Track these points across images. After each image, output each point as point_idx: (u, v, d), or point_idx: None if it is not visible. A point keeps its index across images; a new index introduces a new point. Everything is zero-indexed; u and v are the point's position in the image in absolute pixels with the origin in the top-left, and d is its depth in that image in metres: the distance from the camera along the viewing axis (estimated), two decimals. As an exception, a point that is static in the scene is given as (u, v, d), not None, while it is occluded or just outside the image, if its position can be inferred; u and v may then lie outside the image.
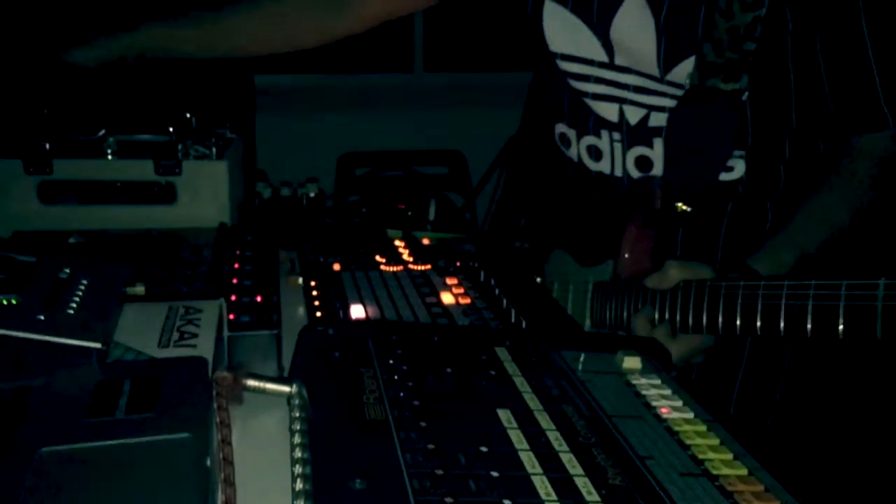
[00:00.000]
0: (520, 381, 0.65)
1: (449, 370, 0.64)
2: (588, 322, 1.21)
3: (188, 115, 1.26)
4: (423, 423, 0.55)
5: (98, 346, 0.59)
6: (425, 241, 1.23)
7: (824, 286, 0.89)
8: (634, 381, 0.68)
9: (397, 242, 1.21)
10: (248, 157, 2.75)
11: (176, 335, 0.69)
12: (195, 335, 0.69)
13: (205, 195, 1.18)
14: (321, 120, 3.33)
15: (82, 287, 0.68)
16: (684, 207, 1.14)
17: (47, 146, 1.17)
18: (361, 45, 3.71)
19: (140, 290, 0.75)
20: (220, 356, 0.76)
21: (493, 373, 0.65)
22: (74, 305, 0.64)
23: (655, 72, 1.13)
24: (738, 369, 1.20)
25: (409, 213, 1.35)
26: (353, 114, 3.37)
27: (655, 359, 0.74)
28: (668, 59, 1.11)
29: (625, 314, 1.12)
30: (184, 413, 0.53)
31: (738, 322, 0.96)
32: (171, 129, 1.20)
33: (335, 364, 0.65)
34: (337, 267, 1.10)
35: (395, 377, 0.62)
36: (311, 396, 0.61)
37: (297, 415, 0.59)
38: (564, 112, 1.28)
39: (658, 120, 1.16)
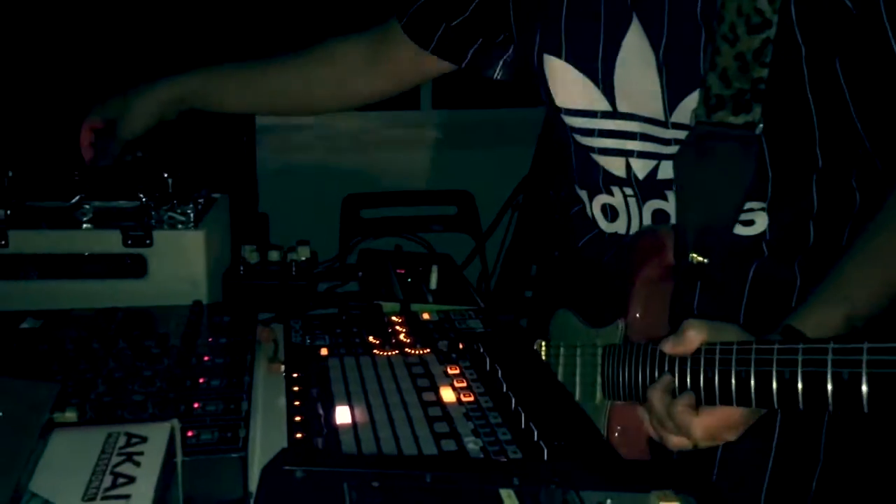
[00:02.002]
0: (531, 546, 0.52)
1: (442, 536, 0.51)
2: (599, 394, 1.07)
3: (165, 176, 1.14)
4: None
5: (-8, 518, 0.47)
6: (425, 316, 1.11)
7: (880, 350, 0.74)
8: (672, 537, 0.55)
9: (394, 318, 1.09)
10: (245, 209, 2.65)
11: (108, 479, 0.56)
12: (132, 479, 0.56)
13: (179, 268, 1.06)
14: (326, 159, 3.22)
15: (-7, 421, 0.56)
16: (700, 259, 1.00)
17: (4, 214, 1.06)
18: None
19: (72, 416, 0.62)
20: (169, 489, 0.64)
21: (495, 537, 0.52)
22: (-24, 453, 0.52)
23: (660, 114, 1.01)
24: (768, 454, 1.05)
25: (409, 280, 1.22)
26: (359, 152, 3.26)
27: (700, 499, 0.60)
28: (671, 96, 0.99)
29: (640, 384, 0.98)
30: None
31: (774, 392, 0.81)
32: (140, 195, 1.09)
33: (297, 523, 0.52)
34: (324, 352, 0.98)
35: (373, 551, 0.49)
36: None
37: None
38: (575, 172, 1.17)
39: (667, 171, 1.04)
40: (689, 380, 0.88)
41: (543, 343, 1.18)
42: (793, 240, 1.03)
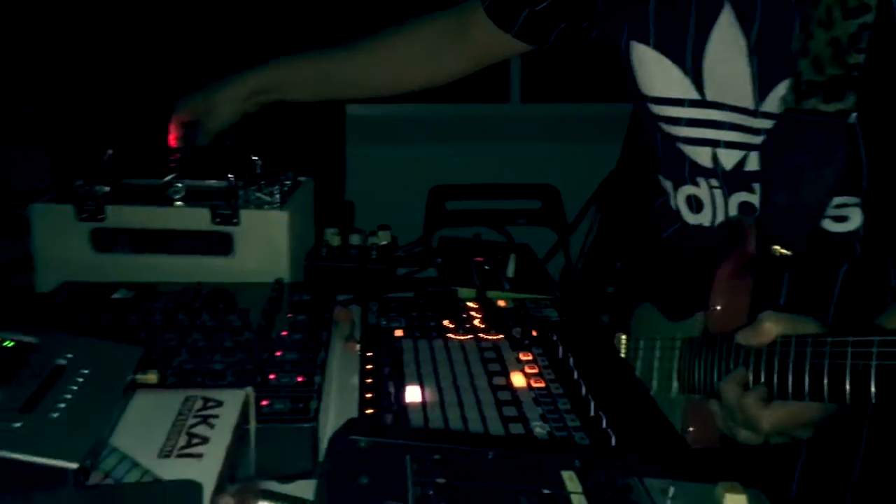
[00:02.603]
0: (588, 527, 0.52)
1: (499, 511, 0.52)
2: (675, 385, 1.05)
3: (254, 159, 1.18)
4: None
5: (73, 466, 0.50)
6: (501, 303, 1.11)
7: None
8: (736, 529, 0.53)
9: (470, 304, 1.09)
10: (334, 193, 2.70)
11: (183, 439, 0.58)
12: (206, 440, 0.58)
13: (263, 247, 1.09)
14: (413, 151, 3.25)
15: (80, 379, 0.59)
16: (783, 251, 0.96)
17: (103, 191, 1.11)
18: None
19: (153, 378, 0.65)
20: (241, 454, 0.66)
21: (554, 515, 0.52)
22: (63, 405, 0.55)
23: (750, 103, 0.98)
24: (854, 457, 1.01)
25: (487, 268, 1.22)
26: (446, 145, 3.28)
27: (771, 495, 0.59)
28: (762, 84, 0.96)
29: (715, 377, 0.96)
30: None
31: (847, 387, 0.78)
32: (230, 176, 1.12)
33: (362, 492, 0.53)
34: (399, 333, 0.99)
35: (431, 521, 0.50)
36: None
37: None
38: (660, 162, 1.14)
39: (755, 163, 1.01)
40: (763, 373, 0.86)
41: (624, 337, 1.17)
42: (889, 238, 0.99)
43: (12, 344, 0.61)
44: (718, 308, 1.01)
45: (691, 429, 1.01)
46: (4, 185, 1.34)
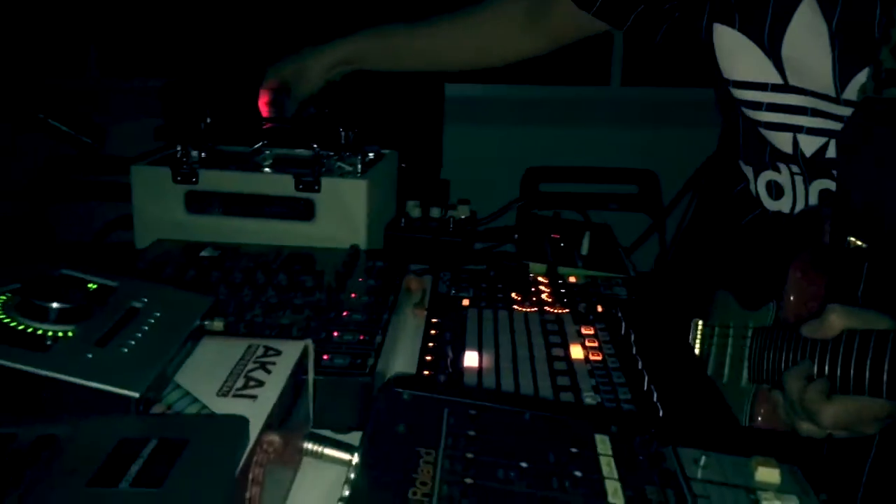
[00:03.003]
0: (613, 488, 0.53)
1: (525, 465, 0.54)
2: (745, 374, 1.04)
3: (340, 130, 1.22)
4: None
5: (135, 395, 0.54)
6: (572, 279, 1.12)
7: None
8: (765, 502, 0.54)
9: (540, 279, 1.11)
10: (430, 170, 2.74)
11: (241, 381, 0.63)
12: (261, 383, 0.62)
13: (342, 214, 1.14)
14: (510, 131, 3.26)
15: (152, 320, 0.64)
16: (858, 243, 0.94)
17: (198, 155, 1.18)
18: (556, 57, 3.59)
19: (219, 325, 0.70)
20: (300, 403, 0.70)
21: (578, 474, 0.53)
22: (133, 343, 0.60)
23: (831, 90, 0.95)
24: None
25: (562, 245, 1.23)
26: (544, 127, 3.27)
27: (807, 471, 0.58)
28: (843, 71, 0.93)
29: (781, 368, 0.94)
30: (196, 490, 0.46)
31: None
32: (314, 145, 1.17)
33: (399, 438, 0.56)
34: (466, 302, 1.02)
35: (457, 468, 0.53)
36: (366, 470, 0.53)
37: (348, 490, 0.51)
38: (740, 147, 1.13)
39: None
40: (826, 366, 0.84)
41: (700, 323, 1.16)
42: None
43: (95, 286, 0.67)
44: (791, 299, 0.99)
45: (760, 418, 1.00)
46: (116, 155, 1.42)
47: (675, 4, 1.16)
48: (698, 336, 1.16)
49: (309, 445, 0.63)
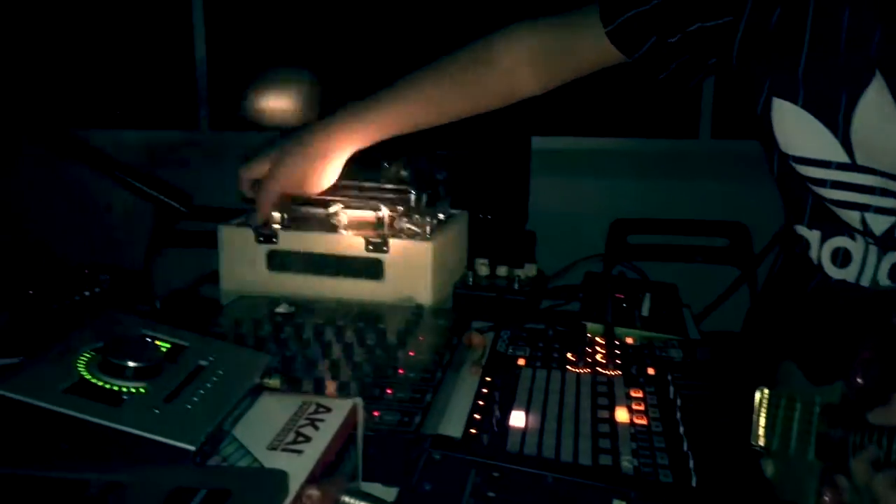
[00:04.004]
0: (620, 553, 0.56)
1: (537, 527, 0.57)
2: (812, 451, 1.03)
3: (411, 192, 1.29)
4: None
5: (192, 448, 0.61)
6: (629, 340, 1.14)
7: None
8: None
9: (597, 339, 1.14)
10: (515, 223, 2.78)
11: (291, 436, 0.69)
12: (308, 439, 0.68)
13: (409, 274, 1.20)
14: (597, 184, 3.28)
15: (215, 378, 0.71)
16: None
17: (280, 216, 1.27)
18: (645, 109, 3.62)
19: (275, 383, 0.76)
20: (349, 457, 0.76)
21: (586, 538, 0.57)
22: (196, 399, 0.67)
23: None
24: None
25: (624, 305, 1.26)
26: (631, 179, 3.28)
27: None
28: None
29: (849, 451, 0.93)
30: (234, 536, 0.52)
31: None
32: (381, 207, 1.24)
33: (425, 497, 0.61)
34: (521, 362, 1.06)
35: (472, 527, 0.57)
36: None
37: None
38: (805, 213, 1.12)
39: None
40: (894, 455, 0.84)
41: (767, 391, 1.16)
42: None
43: (168, 346, 0.75)
44: (858, 381, 0.98)
45: (826, 497, 0.99)
46: (205, 204, 1.53)
47: (719, 63, 1.15)
48: (763, 405, 1.15)
49: (346, 499, 0.68)
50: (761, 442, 0.98)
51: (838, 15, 1.01)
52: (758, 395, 1.16)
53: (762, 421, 1.13)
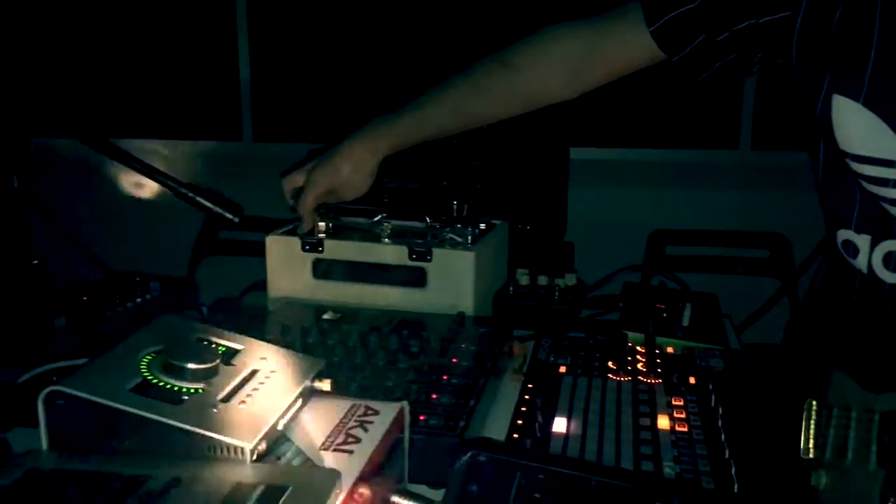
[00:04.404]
0: (663, 554, 0.57)
1: (582, 527, 0.59)
2: (874, 460, 1.03)
3: (454, 203, 1.32)
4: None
5: (249, 446, 0.64)
6: (669, 350, 1.15)
7: None
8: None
9: (638, 348, 1.15)
10: (554, 234, 2.80)
11: (342, 437, 0.71)
12: (358, 440, 0.71)
13: (451, 282, 1.22)
14: (636, 194, 3.28)
15: (268, 378, 0.74)
16: None
17: (326, 226, 1.30)
18: (684, 119, 3.61)
19: (326, 385, 0.79)
20: (397, 459, 0.78)
21: (630, 539, 0.58)
22: (251, 399, 0.70)
23: None
24: None
25: (664, 315, 1.27)
26: (670, 189, 3.28)
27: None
28: None
29: None
30: (292, 530, 0.55)
31: None
32: (427, 218, 1.27)
33: (472, 497, 0.63)
34: (563, 370, 1.07)
35: (519, 526, 0.59)
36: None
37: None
38: (853, 217, 1.12)
39: None
40: None
41: (815, 403, 1.15)
42: None
43: (224, 349, 0.78)
44: None
45: (891, 502, 0.99)
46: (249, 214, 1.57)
47: (733, 41, 1.13)
48: (813, 417, 1.15)
49: (395, 499, 0.70)
50: (811, 454, 0.98)
51: None
52: (806, 407, 1.16)
53: (812, 433, 1.13)
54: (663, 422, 0.92)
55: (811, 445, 1.00)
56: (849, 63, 1.04)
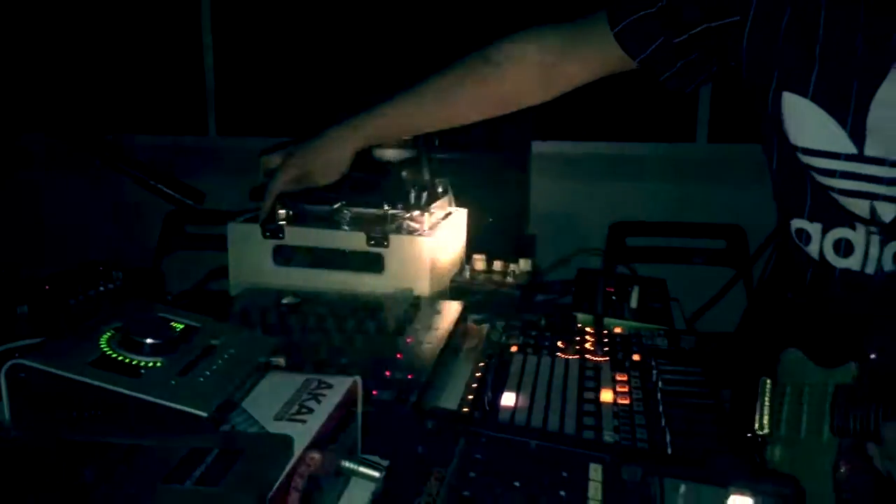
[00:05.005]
0: (594, 507, 0.62)
1: (518, 484, 0.63)
2: (826, 430, 1.08)
3: (411, 190, 1.35)
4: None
5: (205, 414, 0.67)
6: (617, 330, 1.20)
7: None
8: (732, 527, 0.61)
9: (587, 329, 1.19)
10: (516, 225, 2.84)
11: (295, 409, 0.75)
12: (311, 411, 0.74)
13: (408, 267, 1.26)
14: (596, 187, 3.35)
15: (226, 356, 0.77)
16: None
17: (285, 213, 1.33)
18: (644, 114, 3.67)
19: (281, 361, 0.82)
20: (350, 431, 0.81)
21: (562, 493, 0.63)
22: (208, 373, 0.73)
23: None
24: None
25: (613, 298, 1.32)
26: (630, 181, 3.35)
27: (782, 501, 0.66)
28: None
29: (872, 422, 0.98)
30: (245, 490, 0.58)
31: None
32: (385, 206, 1.30)
33: (418, 459, 0.67)
34: (514, 349, 1.12)
35: (459, 485, 0.63)
36: (386, 482, 0.64)
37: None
38: (805, 206, 1.17)
39: None
40: None
41: (769, 381, 1.20)
42: None
43: (182, 326, 0.81)
44: (874, 357, 1.03)
45: (842, 470, 1.04)
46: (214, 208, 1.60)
47: (692, 42, 1.18)
48: (767, 394, 1.20)
49: (345, 463, 0.74)
50: (766, 430, 1.03)
51: (855, 12, 1.05)
52: (761, 386, 1.21)
53: (766, 409, 1.18)
54: (606, 395, 0.97)
55: (765, 422, 1.05)
56: (796, 62, 1.09)
